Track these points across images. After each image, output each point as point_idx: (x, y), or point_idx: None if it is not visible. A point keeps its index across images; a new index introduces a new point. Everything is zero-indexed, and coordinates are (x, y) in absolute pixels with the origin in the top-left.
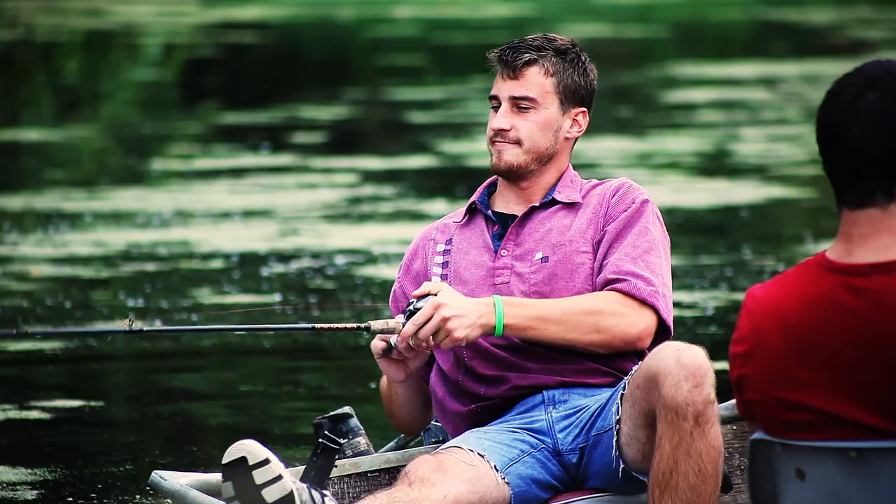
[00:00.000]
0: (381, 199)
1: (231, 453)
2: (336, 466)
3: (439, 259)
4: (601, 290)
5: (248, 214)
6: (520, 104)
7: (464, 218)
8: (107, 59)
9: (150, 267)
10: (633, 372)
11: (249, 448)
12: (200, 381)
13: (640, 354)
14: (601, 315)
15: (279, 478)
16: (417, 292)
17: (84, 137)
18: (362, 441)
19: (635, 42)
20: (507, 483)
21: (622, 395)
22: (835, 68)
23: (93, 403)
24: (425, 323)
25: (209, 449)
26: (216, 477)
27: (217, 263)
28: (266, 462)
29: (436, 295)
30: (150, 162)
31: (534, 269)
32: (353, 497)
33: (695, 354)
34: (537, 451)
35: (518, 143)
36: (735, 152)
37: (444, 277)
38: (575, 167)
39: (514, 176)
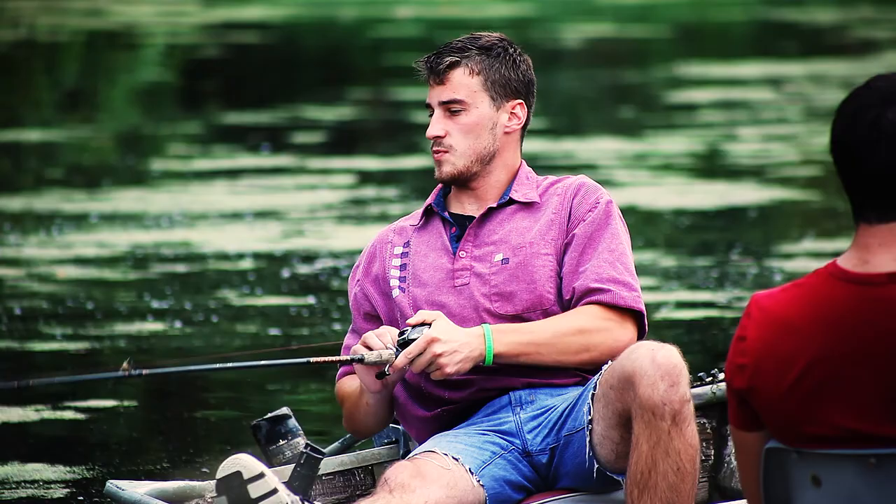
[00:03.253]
0: (388, 201)
1: (225, 468)
2: (321, 476)
3: (397, 262)
4: (582, 296)
5: (258, 216)
6: (450, 108)
7: (420, 221)
8: (107, 60)
9: (161, 269)
10: (602, 372)
11: (244, 462)
12: (234, 382)
13: None
14: (588, 334)
15: (274, 491)
16: (412, 320)
17: (84, 137)
18: (301, 442)
19: (638, 42)
20: (482, 485)
21: (593, 394)
22: (840, 68)
23: (126, 403)
24: (418, 355)
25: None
26: (174, 485)
27: (233, 265)
28: (261, 476)
29: (430, 325)
30: (150, 162)
31: (494, 271)
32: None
33: (669, 354)
34: (508, 452)
35: (451, 149)
36: (734, 153)
37: (402, 280)
38: (571, 168)
39: (460, 182)
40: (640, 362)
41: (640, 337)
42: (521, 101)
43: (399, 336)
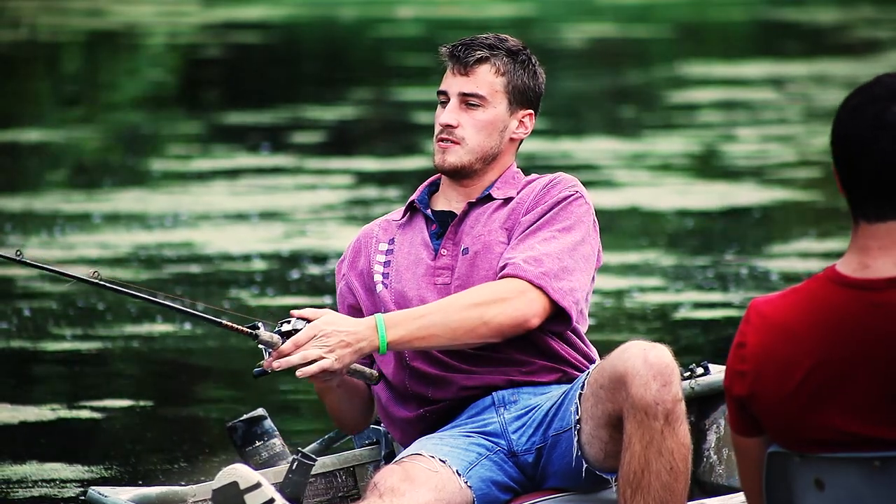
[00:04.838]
0: (390, 202)
1: (221, 478)
2: (310, 480)
3: (381, 258)
4: (496, 275)
5: (261, 216)
6: (469, 101)
7: (403, 217)
8: (108, 59)
9: (169, 270)
10: (591, 371)
11: (241, 473)
12: (249, 384)
13: (585, 348)
14: (483, 306)
15: (272, 501)
16: (298, 313)
17: (84, 137)
18: (277, 442)
19: (639, 42)
20: (470, 487)
21: (580, 394)
22: (843, 68)
23: (142, 403)
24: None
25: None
26: (157, 490)
27: (240, 266)
28: (258, 486)
29: (310, 321)
30: (150, 162)
31: (457, 264)
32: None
33: (661, 353)
34: (493, 453)
35: (463, 142)
36: (734, 153)
37: (385, 276)
38: (570, 168)
39: (460, 175)
40: (632, 362)
41: (558, 319)
42: (531, 111)
43: (280, 325)
